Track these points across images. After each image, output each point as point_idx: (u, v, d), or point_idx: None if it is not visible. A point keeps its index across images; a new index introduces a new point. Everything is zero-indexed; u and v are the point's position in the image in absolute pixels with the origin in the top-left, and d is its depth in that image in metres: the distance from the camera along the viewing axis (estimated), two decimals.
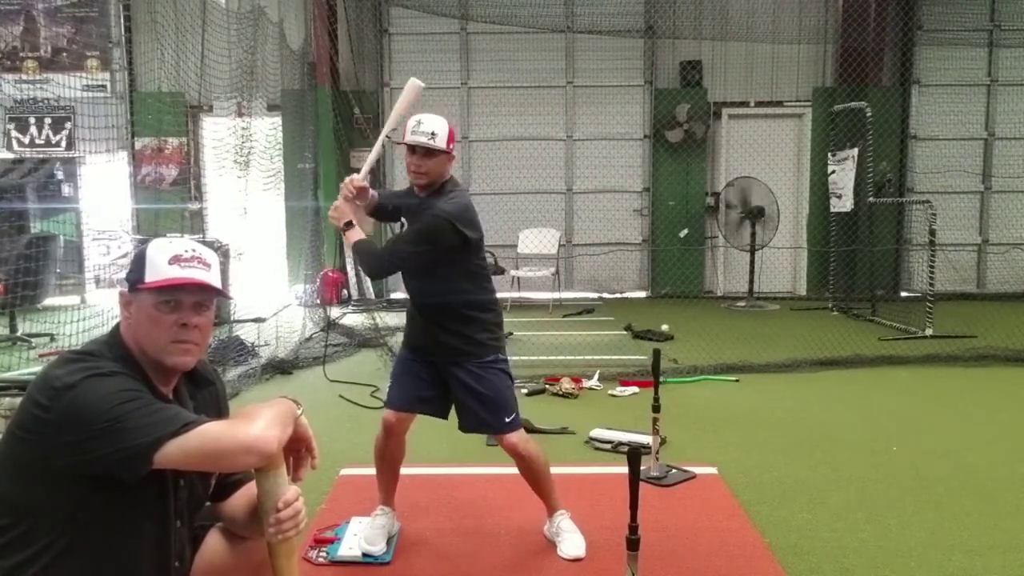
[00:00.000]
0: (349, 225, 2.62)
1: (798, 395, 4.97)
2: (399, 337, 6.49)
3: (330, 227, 8.90)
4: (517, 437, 2.67)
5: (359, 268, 2.71)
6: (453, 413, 2.82)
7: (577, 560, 2.63)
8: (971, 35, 9.52)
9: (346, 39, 9.43)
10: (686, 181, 9.73)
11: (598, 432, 3.93)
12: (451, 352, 2.65)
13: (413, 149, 2.55)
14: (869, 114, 8.03)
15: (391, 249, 2.63)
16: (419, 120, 2.56)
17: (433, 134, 2.53)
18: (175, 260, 1.56)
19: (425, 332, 2.69)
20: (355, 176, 2.63)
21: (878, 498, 3.19)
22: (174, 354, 1.56)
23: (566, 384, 4.97)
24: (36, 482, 1.42)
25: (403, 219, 2.72)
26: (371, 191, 2.69)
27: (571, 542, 2.69)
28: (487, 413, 2.65)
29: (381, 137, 2.71)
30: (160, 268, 1.55)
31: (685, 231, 9.76)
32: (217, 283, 1.60)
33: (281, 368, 5.68)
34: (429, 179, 2.59)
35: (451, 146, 2.60)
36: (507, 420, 2.65)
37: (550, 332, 7.23)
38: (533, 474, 2.74)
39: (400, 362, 2.80)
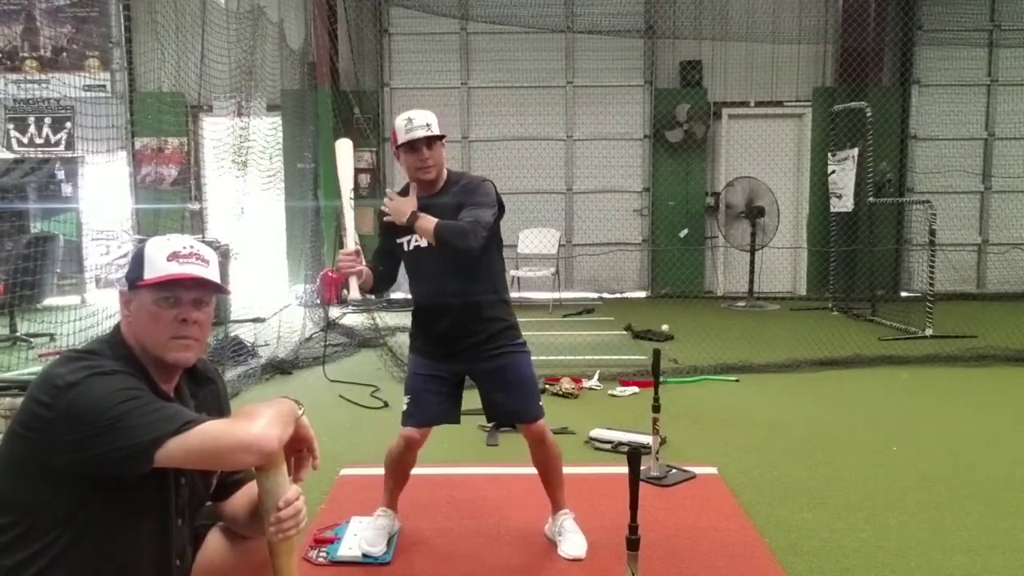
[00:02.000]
0: (415, 215, 2.53)
1: (798, 395, 4.97)
2: (399, 337, 6.54)
3: (330, 227, 8.91)
4: (545, 421, 2.70)
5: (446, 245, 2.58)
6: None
7: (577, 560, 2.63)
8: (971, 35, 9.51)
9: (346, 39, 9.42)
10: (686, 181, 9.73)
11: (598, 432, 3.93)
12: (486, 341, 2.62)
13: (415, 147, 2.54)
14: (869, 114, 8.03)
15: (472, 220, 2.48)
16: (409, 118, 2.55)
17: (428, 124, 2.54)
18: (173, 257, 1.57)
19: (452, 332, 2.63)
20: (345, 249, 2.56)
21: (878, 498, 3.19)
22: (174, 350, 1.57)
23: (566, 384, 4.97)
24: (37, 481, 1.43)
25: (405, 238, 2.64)
26: (364, 268, 2.59)
27: (572, 542, 2.69)
28: (523, 399, 2.66)
29: (346, 200, 2.65)
30: (158, 265, 1.56)
31: (685, 231, 9.76)
32: (216, 278, 1.61)
33: (281, 368, 5.68)
34: (437, 168, 2.60)
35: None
36: (540, 403, 2.69)
37: (550, 332, 7.22)
38: (549, 464, 2.74)
39: (415, 377, 2.73)
